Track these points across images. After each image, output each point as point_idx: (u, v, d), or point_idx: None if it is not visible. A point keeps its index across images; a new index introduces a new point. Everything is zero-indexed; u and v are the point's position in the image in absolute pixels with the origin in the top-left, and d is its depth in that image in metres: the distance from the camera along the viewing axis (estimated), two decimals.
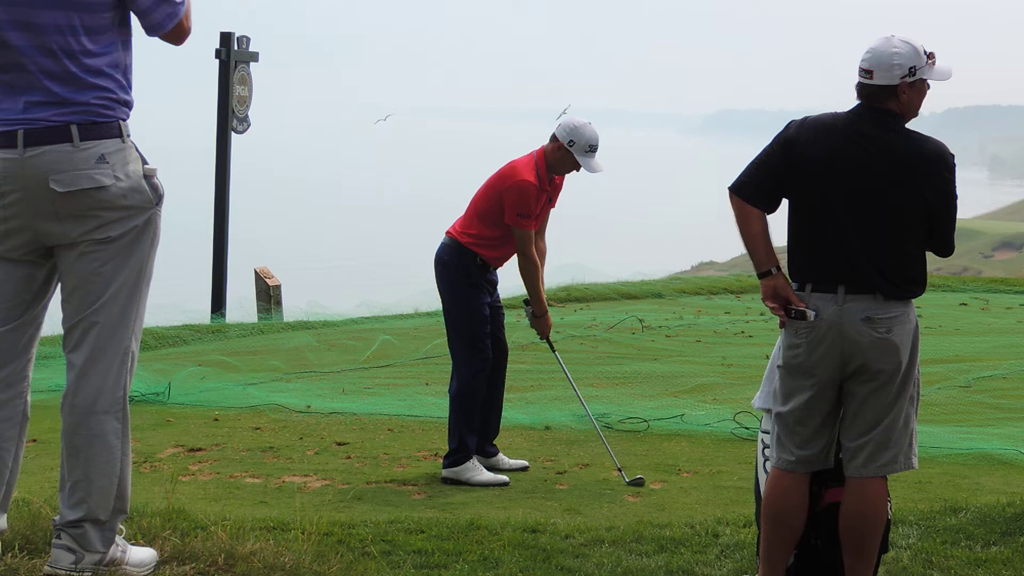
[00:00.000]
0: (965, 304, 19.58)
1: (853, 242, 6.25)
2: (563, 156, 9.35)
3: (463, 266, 9.42)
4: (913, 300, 6.35)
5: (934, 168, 6.28)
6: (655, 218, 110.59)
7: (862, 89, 6.34)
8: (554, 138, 9.39)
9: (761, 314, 18.24)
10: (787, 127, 6.46)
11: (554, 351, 9.89)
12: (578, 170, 9.44)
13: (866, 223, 6.25)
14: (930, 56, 6.37)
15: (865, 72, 6.30)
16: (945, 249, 6.45)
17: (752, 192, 6.42)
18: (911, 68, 6.28)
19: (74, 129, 5.65)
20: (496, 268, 9.57)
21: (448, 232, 9.53)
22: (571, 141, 9.31)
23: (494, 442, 9.70)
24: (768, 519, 6.46)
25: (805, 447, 6.40)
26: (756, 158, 6.46)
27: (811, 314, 6.27)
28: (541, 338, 9.81)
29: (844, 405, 6.39)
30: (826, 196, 6.29)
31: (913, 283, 6.32)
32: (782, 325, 6.46)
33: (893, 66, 6.26)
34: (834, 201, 6.28)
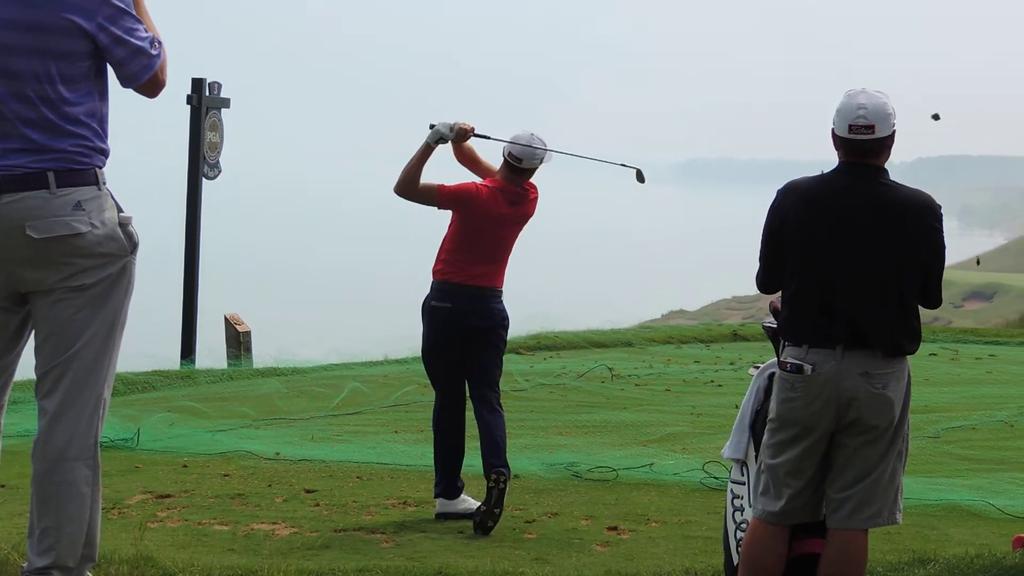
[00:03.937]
0: (935, 354, 19.63)
1: (850, 301, 6.25)
2: (505, 165, 9.54)
3: (423, 306, 9.56)
4: (908, 357, 6.38)
5: (924, 219, 6.30)
6: (624, 264, 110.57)
7: (858, 147, 6.27)
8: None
9: (731, 364, 18.29)
10: (775, 197, 6.49)
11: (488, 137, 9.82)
12: (524, 173, 9.51)
13: (862, 281, 6.25)
14: None
15: (866, 128, 6.22)
16: (936, 301, 6.48)
17: (770, 288, 6.61)
18: (894, 115, 6.32)
19: (51, 176, 5.67)
20: (463, 282, 9.41)
21: None
22: (509, 152, 9.51)
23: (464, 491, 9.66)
24: (746, 568, 6.47)
25: (794, 499, 6.41)
26: (761, 246, 6.56)
27: (808, 368, 6.28)
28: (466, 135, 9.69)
29: (832, 456, 6.38)
30: (819, 257, 6.31)
31: (911, 339, 6.33)
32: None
33: (888, 116, 6.26)
34: (828, 261, 6.29)
